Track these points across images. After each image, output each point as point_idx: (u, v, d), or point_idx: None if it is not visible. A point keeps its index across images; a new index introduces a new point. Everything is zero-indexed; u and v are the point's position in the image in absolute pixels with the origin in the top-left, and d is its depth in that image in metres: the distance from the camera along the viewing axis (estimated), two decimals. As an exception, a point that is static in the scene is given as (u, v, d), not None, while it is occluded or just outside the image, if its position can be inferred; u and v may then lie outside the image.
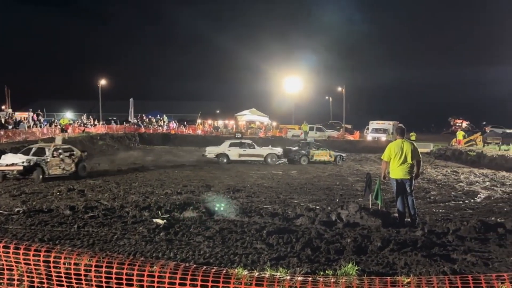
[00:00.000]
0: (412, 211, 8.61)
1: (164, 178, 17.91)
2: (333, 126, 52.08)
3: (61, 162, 17.57)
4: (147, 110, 61.69)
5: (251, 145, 26.68)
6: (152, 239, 6.96)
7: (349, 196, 13.53)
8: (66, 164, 17.74)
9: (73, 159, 18.19)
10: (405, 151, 8.55)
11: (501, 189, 16.04)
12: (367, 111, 64.75)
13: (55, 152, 17.52)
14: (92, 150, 29.86)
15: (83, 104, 71.12)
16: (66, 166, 17.76)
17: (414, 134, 43.71)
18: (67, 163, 17.82)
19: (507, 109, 69.52)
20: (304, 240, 6.74)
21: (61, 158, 17.60)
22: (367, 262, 5.77)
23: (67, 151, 18.26)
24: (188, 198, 12.57)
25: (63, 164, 17.61)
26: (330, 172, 21.43)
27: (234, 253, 6.13)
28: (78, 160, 18.40)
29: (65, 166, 17.72)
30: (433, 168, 23.61)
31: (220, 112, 69.57)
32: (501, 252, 6.37)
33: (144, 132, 43.92)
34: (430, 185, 16.79)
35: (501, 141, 34.18)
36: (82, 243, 6.81)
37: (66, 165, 17.76)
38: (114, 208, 9.60)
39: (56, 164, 17.29)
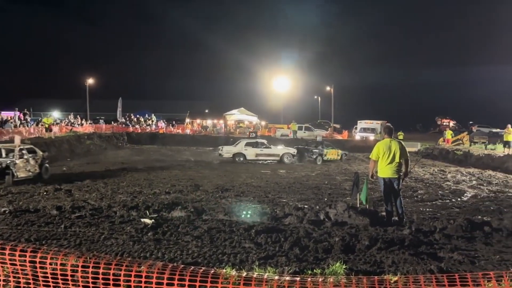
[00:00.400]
0: (400, 210, 8.67)
1: (152, 177, 17.82)
2: (322, 126, 52.25)
3: (27, 164, 16.14)
4: (136, 109, 61.32)
5: (267, 144, 26.87)
6: (140, 239, 6.92)
7: (338, 195, 13.57)
8: (31, 165, 16.34)
9: (36, 160, 16.83)
10: (393, 150, 8.60)
11: (487, 188, 16.19)
12: (355, 111, 64.99)
13: (20, 153, 16.07)
14: (80, 149, 29.69)
15: (71, 103, 70.52)
16: (31, 167, 16.35)
17: (402, 134, 43.98)
18: (32, 165, 16.42)
19: (493, 109, 70.23)
20: (293, 239, 6.74)
21: (26, 159, 16.15)
22: (355, 261, 5.80)
23: (30, 151, 16.78)
24: (177, 198, 12.52)
25: (28, 166, 16.19)
26: (319, 172, 21.49)
27: (222, 253, 6.12)
28: (41, 161, 17.07)
29: (30, 168, 16.29)
30: (420, 167, 23.78)
31: (209, 111, 69.42)
32: (488, 251, 6.43)
33: (132, 131, 43.69)
34: (417, 184, 16.90)
35: (487, 141, 34.49)
36: (69, 243, 6.75)
37: (31, 167, 16.34)
38: (101, 208, 9.54)
39: (22, 166, 15.86)
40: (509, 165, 23.32)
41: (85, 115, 50.94)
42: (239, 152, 25.88)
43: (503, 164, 23.85)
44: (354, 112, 61.21)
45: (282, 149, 27.10)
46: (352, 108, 71.14)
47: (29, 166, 16.16)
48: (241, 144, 26.44)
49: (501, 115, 54.54)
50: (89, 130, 39.43)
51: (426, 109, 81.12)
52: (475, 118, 63.72)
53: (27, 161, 16.12)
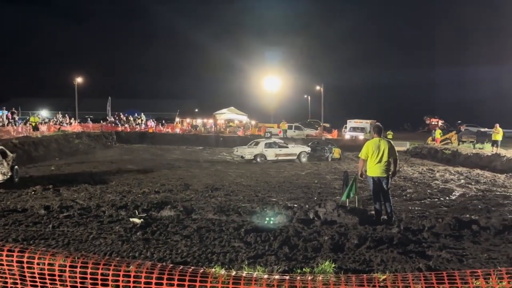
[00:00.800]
0: (389, 209, 8.71)
1: (141, 177, 17.74)
2: (312, 125, 52.32)
3: (1, 167, 14.44)
4: (125, 108, 61.06)
5: (284, 144, 27.30)
6: (128, 238, 6.89)
7: (327, 194, 13.61)
8: (4, 167, 14.56)
9: (8, 161, 14.99)
10: (382, 149, 8.63)
11: (475, 187, 16.32)
12: (345, 110, 65.23)
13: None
14: (68, 149, 29.48)
15: (59, 102, 70.04)
16: (5, 170, 14.57)
17: (391, 133, 44.19)
18: (5, 166, 14.62)
19: (481, 108, 70.88)
20: (282, 238, 6.75)
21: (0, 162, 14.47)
22: (344, 260, 5.81)
23: (1, 153, 14.90)
24: (166, 197, 12.48)
25: (3, 168, 14.47)
26: (308, 171, 21.53)
27: (211, 252, 6.11)
28: (12, 163, 15.31)
29: (4, 170, 14.52)
30: (409, 166, 23.91)
31: (198, 110, 69.27)
32: (475, 249, 6.48)
33: (122, 130, 43.46)
34: (406, 183, 16.99)
35: (475, 140, 34.78)
36: (57, 243, 6.70)
37: (5, 169, 14.56)
38: (90, 208, 9.48)
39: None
40: (497, 164, 23.54)
41: (73, 114, 50.57)
42: (260, 153, 26.08)
43: (491, 163, 24.06)
44: (344, 111, 61.45)
45: (299, 148, 27.55)
46: (342, 107, 71.42)
47: (3, 168, 14.48)
48: (261, 145, 26.52)
49: (489, 115, 55.17)
50: (77, 129, 39.17)
51: (414, 109, 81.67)
52: (463, 117, 64.30)
53: (1, 163, 14.49)
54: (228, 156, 29.99)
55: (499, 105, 69.03)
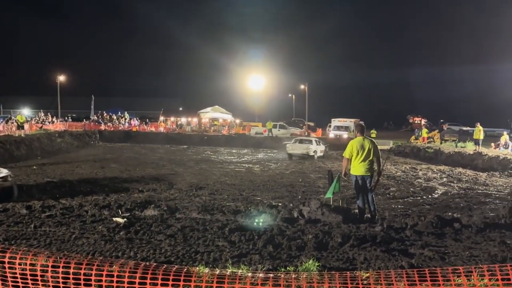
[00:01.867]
0: (372, 207, 8.77)
1: (125, 176, 17.63)
2: (296, 124, 52.48)
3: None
4: (108, 106, 60.60)
5: (313, 141, 29.47)
6: (112, 238, 6.83)
7: (311, 193, 13.68)
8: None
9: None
10: (366, 148, 8.69)
11: (457, 185, 16.54)
12: (329, 109, 65.54)
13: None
14: (51, 148, 29.15)
15: (41, 100, 69.23)
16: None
17: (374, 132, 44.50)
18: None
19: (463, 108, 71.81)
20: (266, 237, 6.75)
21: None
22: (328, 258, 5.84)
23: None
24: (150, 196, 12.42)
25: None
26: (293, 169, 21.59)
27: (195, 251, 6.09)
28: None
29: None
30: (392, 164, 24.12)
31: (183, 109, 69.05)
32: (457, 247, 6.56)
33: (105, 129, 43.13)
34: (389, 182, 17.14)
35: (457, 139, 35.20)
36: (39, 243, 6.62)
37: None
38: (72, 207, 9.37)
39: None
40: (478, 162, 23.88)
41: (56, 113, 50.01)
42: (315, 150, 28.34)
43: (473, 161, 24.40)
44: (328, 110, 61.72)
45: (322, 145, 29.90)
46: (326, 106, 71.73)
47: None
48: (314, 142, 29.02)
49: (470, 114, 55.89)
50: (60, 128, 38.77)
51: (397, 107, 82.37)
52: (444, 116, 65.05)
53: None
54: (213, 155, 29.95)
55: (480, 104, 70.07)
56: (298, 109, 65.05)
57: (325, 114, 55.81)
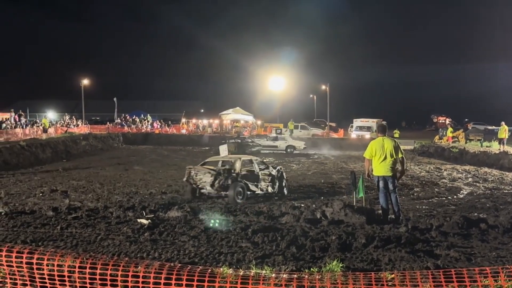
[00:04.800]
0: (396, 208, 8.68)
1: (148, 178, 17.81)
2: (318, 124, 52.28)
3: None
4: (131, 109, 61.30)
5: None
6: (136, 239, 6.90)
7: (334, 194, 13.60)
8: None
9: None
10: (386, 148, 8.62)
11: (483, 185, 16.26)
12: (351, 109, 65.09)
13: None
14: (75, 150, 29.61)
15: (66, 104, 70.42)
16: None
17: (397, 132, 44.07)
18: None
19: (488, 106, 70.53)
20: (289, 238, 6.74)
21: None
22: (352, 259, 5.80)
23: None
24: (173, 198, 12.53)
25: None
26: (315, 170, 21.51)
27: (219, 252, 6.11)
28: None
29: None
30: (416, 165, 23.85)
31: (204, 111, 69.40)
32: (484, 248, 6.45)
33: (128, 132, 43.61)
34: (413, 182, 16.95)
35: (482, 138, 34.60)
36: (66, 244, 6.72)
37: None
38: (97, 209, 9.51)
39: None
40: (504, 162, 23.42)
41: (80, 116, 50.78)
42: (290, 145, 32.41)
43: (499, 161, 23.95)
44: (350, 111, 61.33)
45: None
46: (348, 107, 71.30)
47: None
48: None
49: (495, 112, 54.88)
50: (84, 131, 39.36)
51: (421, 107, 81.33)
52: (470, 115, 64.00)
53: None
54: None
55: (505, 102, 68.70)
56: (320, 109, 64.83)
57: (347, 114, 55.45)
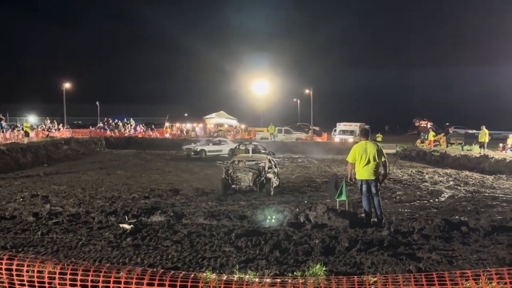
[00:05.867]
0: (379, 211, 8.75)
1: (131, 182, 17.68)
2: (301, 128, 52.44)
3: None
4: (113, 113, 60.75)
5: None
6: (118, 244, 6.84)
7: (317, 198, 13.65)
8: None
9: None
10: (369, 152, 8.69)
11: (464, 188, 16.46)
12: (334, 113, 65.38)
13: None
14: (57, 155, 29.26)
15: (47, 107, 69.50)
16: None
17: (380, 136, 44.36)
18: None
19: (469, 110, 71.49)
20: (273, 242, 6.74)
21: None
22: (335, 263, 5.82)
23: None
24: (156, 202, 12.46)
25: None
26: (299, 174, 21.57)
27: (202, 257, 6.08)
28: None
29: None
30: (398, 168, 24.05)
31: (188, 115, 69.19)
32: (465, 250, 6.52)
33: (111, 136, 43.23)
34: (396, 185, 17.09)
35: (463, 142, 35.05)
36: (46, 250, 6.63)
37: None
38: (79, 214, 9.39)
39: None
40: (485, 165, 23.76)
41: (62, 120, 50.19)
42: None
43: (479, 164, 24.28)
44: (333, 115, 61.56)
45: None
46: (331, 111, 71.53)
47: None
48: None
49: (476, 116, 55.69)
50: (66, 135, 38.92)
51: (403, 110, 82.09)
52: (450, 119, 64.82)
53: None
54: (219, 160, 29.97)
55: (485, 106, 69.77)
56: (303, 113, 65.02)
57: (331, 118, 55.64)
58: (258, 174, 15.12)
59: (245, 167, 15.77)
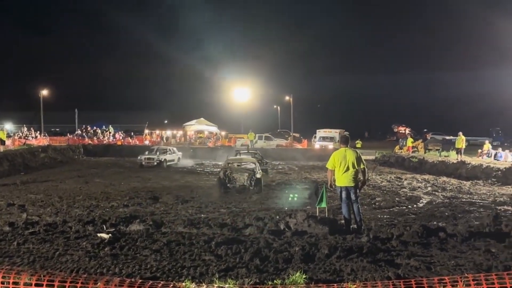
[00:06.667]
0: (358, 218, 8.80)
1: (110, 190, 17.49)
2: (282, 135, 52.57)
3: None
4: (92, 120, 60.08)
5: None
6: (96, 254, 6.75)
7: (298, 205, 13.67)
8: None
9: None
10: (348, 159, 8.76)
11: (442, 194, 16.68)
12: (314, 120, 65.69)
13: None
14: (34, 163, 28.81)
15: (24, 115, 68.41)
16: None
17: (359, 142, 44.78)
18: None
19: (446, 116, 72.59)
20: (253, 250, 6.73)
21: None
22: (315, 270, 5.83)
23: None
24: (135, 211, 12.34)
25: None
26: (279, 181, 21.60)
27: (182, 266, 6.04)
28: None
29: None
30: (377, 174, 24.27)
31: (168, 122, 68.80)
32: (443, 256, 6.59)
33: (89, 143, 42.75)
34: (375, 192, 17.23)
35: (441, 148, 35.52)
36: (22, 260, 6.51)
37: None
38: (56, 223, 9.24)
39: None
40: (462, 171, 24.11)
41: (39, 127, 49.45)
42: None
43: (456, 170, 24.64)
44: (313, 121, 61.81)
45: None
46: (311, 117, 71.85)
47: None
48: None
49: (453, 122, 56.57)
50: (43, 143, 38.38)
51: (384, 117, 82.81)
52: (428, 125, 65.63)
53: None
54: (199, 167, 29.87)
55: (462, 112, 70.87)
56: (284, 120, 65.21)
57: (311, 125, 55.86)
58: (252, 174, 17.29)
59: (241, 168, 18.20)
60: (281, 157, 36.49)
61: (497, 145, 38.03)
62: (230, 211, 12.62)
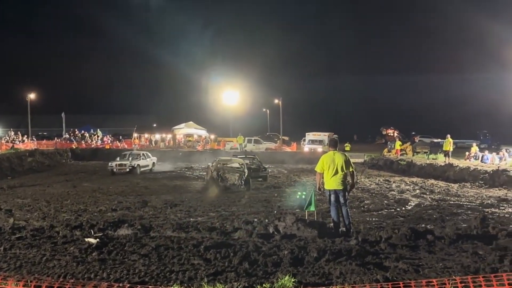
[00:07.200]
0: (347, 221, 8.82)
1: (98, 194, 17.36)
2: (271, 138, 52.62)
3: None
4: (80, 124, 59.74)
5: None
6: (84, 259, 6.69)
7: (287, 208, 13.68)
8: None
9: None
10: (336, 162, 8.78)
11: (430, 197, 16.78)
12: (303, 123, 65.82)
13: None
14: (21, 167, 28.54)
15: (11, 119, 67.80)
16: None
17: (348, 145, 44.95)
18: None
19: (434, 119, 73.16)
20: (242, 253, 6.71)
21: None
22: (304, 273, 5.83)
23: None
24: (124, 215, 12.26)
25: None
26: (268, 184, 21.58)
27: (170, 271, 6.01)
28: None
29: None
30: (366, 177, 24.36)
31: (157, 125, 68.59)
32: (431, 259, 6.63)
33: (77, 147, 42.45)
34: (364, 194, 17.29)
35: (429, 150, 35.78)
36: (9, 266, 6.44)
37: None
38: (43, 228, 9.14)
39: None
40: (449, 174, 24.29)
41: (26, 131, 49.03)
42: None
43: (444, 173, 24.81)
44: (303, 124, 61.95)
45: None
46: (301, 120, 71.96)
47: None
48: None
49: (441, 125, 57.02)
50: (30, 147, 38.04)
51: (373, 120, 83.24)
52: (416, 128, 66.07)
53: None
54: (187, 171, 29.77)
55: (450, 115, 71.52)
56: (273, 123, 65.31)
57: (300, 128, 55.97)
58: (243, 174, 18.97)
59: (233, 168, 19.82)
60: (270, 160, 36.42)
61: (484, 147, 38.46)
62: (219, 214, 12.58)
